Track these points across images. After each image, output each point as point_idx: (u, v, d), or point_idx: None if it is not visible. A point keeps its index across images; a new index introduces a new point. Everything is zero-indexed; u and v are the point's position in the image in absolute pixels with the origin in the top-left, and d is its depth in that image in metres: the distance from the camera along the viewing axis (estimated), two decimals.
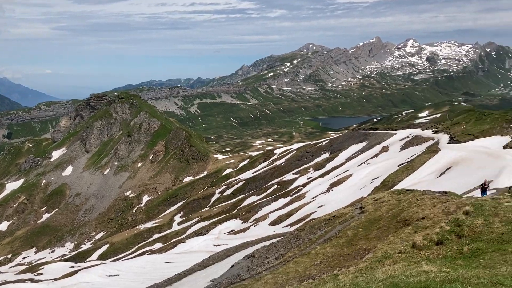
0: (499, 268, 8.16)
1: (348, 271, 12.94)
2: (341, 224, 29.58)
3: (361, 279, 8.89)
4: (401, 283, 5.89)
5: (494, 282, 5.98)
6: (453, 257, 11.22)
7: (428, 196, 27.49)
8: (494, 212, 14.42)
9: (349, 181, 69.22)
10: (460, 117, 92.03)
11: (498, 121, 74.08)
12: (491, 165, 50.69)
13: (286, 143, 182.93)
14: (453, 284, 5.66)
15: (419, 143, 78.84)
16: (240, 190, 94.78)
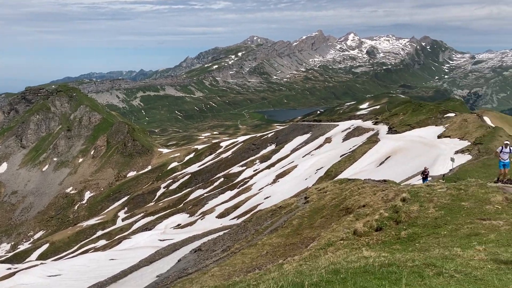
0: (432, 251, 8.64)
1: (293, 260, 13.22)
2: (287, 215, 30.10)
3: (305, 267, 9.09)
4: (342, 269, 6.09)
5: (427, 264, 6.33)
6: (391, 242, 11.75)
7: (369, 184, 28.55)
8: (429, 198, 15.22)
9: (294, 172, 70.48)
10: (398, 108, 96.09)
11: (433, 112, 78.12)
12: (427, 154, 53.45)
13: (232, 136, 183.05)
14: (389, 268, 5.92)
15: (360, 134, 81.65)
16: (186, 184, 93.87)
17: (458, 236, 10.79)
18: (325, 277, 5.21)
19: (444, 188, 16.51)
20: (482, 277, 5.76)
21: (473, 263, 6.70)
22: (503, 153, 18.93)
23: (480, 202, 14.03)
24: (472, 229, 11.32)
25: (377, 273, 5.59)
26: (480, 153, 48.04)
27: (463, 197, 14.82)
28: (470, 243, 9.40)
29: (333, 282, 4.75)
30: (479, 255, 7.49)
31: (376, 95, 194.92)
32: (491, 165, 42.62)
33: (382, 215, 14.55)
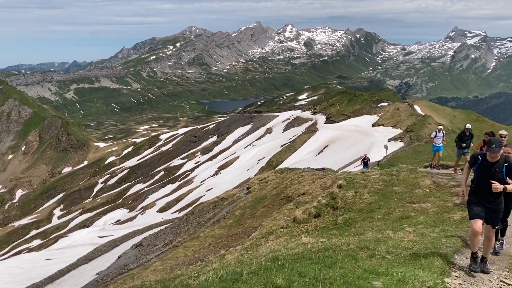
0: (366, 235, 9.05)
1: (235, 250, 13.32)
2: (229, 206, 30.22)
3: (246, 256, 9.19)
4: (281, 256, 6.23)
5: (361, 247, 6.62)
6: (329, 228, 12.16)
7: (308, 173, 29.27)
8: (363, 184, 15.88)
9: (236, 163, 70.73)
10: (335, 98, 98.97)
11: (368, 102, 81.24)
12: (363, 142, 55.57)
13: (172, 128, 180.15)
14: (326, 252, 6.13)
15: (300, 124, 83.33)
16: (125, 178, 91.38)
17: (391, 219, 11.36)
18: (263, 265, 5.31)
19: (378, 174, 17.28)
20: (411, 257, 6.10)
21: (403, 244, 7.09)
22: (437, 138, 19.81)
23: (411, 186, 14.83)
24: (403, 212, 11.96)
25: (314, 258, 5.77)
26: (412, 140, 50.63)
27: (395, 182, 15.59)
28: (401, 225, 9.92)
29: (271, 269, 4.85)
30: (409, 236, 7.94)
31: (314, 86, 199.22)
32: (421, 151, 45.06)
33: (320, 202, 15.00)
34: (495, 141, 6.28)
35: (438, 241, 7.37)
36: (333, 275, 4.34)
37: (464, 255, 6.88)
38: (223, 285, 4.22)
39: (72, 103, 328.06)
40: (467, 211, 6.70)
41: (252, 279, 4.37)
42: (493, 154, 6.21)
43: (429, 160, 30.05)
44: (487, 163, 6.33)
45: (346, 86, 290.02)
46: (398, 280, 4.41)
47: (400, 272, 4.71)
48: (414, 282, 4.36)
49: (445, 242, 7.36)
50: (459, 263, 6.36)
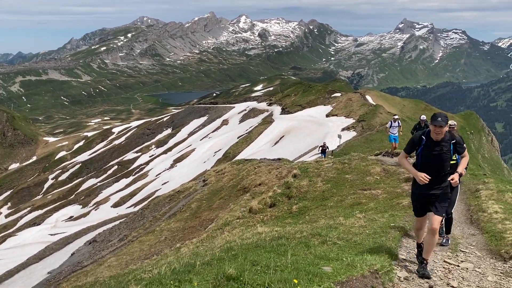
0: (319, 222, 9.26)
1: (191, 243, 13.26)
2: (185, 199, 30.02)
3: (201, 248, 9.17)
4: (236, 246, 6.26)
5: (313, 234, 6.76)
6: (284, 217, 12.34)
7: (264, 164, 29.51)
8: (317, 173, 16.19)
9: (192, 156, 70.17)
10: (290, 89, 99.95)
11: (321, 92, 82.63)
12: (317, 132, 56.54)
13: (125, 121, 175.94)
14: (279, 241, 6.21)
15: (256, 115, 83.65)
16: (76, 173, 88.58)
17: (343, 206, 11.66)
18: (217, 256, 5.32)
19: (331, 163, 17.66)
20: (361, 242, 6.31)
21: (354, 229, 7.31)
22: (392, 128, 19.89)
23: (362, 174, 15.26)
24: (355, 199, 12.30)
25: (267, 246, 5.84)
26: (364, 129, 52.00)
27: (347, 170, 16.00)
28: (352, 212, 10.21)
29: (224, 259, 4.87)
30: (359, 222, 8.19)
31: (269, 77, 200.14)
32: (373, 140, 46.36)
33: (275, 192, 15.17)
34: (440, 115, 5.66)
35: (387, 226, 7.65)
36: (284, 262, 4.41)
37: (412, 238, 7.17)
38: (175, 277, 4.19)
39: (18, 97, 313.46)
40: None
41: (204, 270, 4.38)
42: (438, 129, 5.50)
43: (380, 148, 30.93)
44: (432, 142, 5.65)
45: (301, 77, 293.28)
46: (348, 264, 4.54)
47: (349, 257, 4.85)
48: (362, 266, 4.51)
49: (393, 226, 7.64)
50: (407, 246, 6.63)
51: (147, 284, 4.05)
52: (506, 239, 7.00)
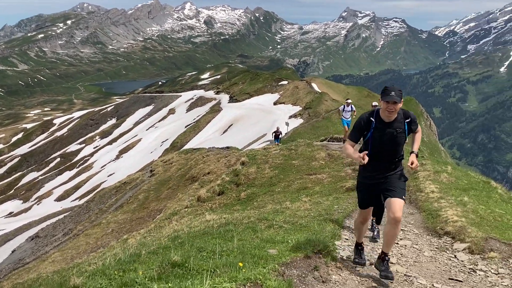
0: (267, 207, 9.40)
1: (138, 233, 13.07)
2: (132, 190, 29.45)
3: (149, 238, 9.06)
4: (183, 235, 6.24)
5: (260, 219, 6.86)
6: (233, 204, 12.42)
7: (213, 152, 29.44)
8: (265, 160, 16.37)
9: (138, 146, 68.78)
10: (237, 78, 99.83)
11: (269, 81, 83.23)
12: (265, 120, 57.05)
13: (66, 112, 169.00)
14: (227, 227, 6.26)
15: (203, 104, 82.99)
16: (15, 167, 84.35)
17: (290, 191, 11.89)
18: (163, 244, 5.29)
19: (278, 150, 17.90)
20: (306, 224, 6.47)
21: (299, 213, 7.49)
22: (345, 112, 19.39)
23: (308, 159, 15.60)
24: (301, 184, 12.57)
25: (215, 233, 5.87)
26: (310, 116, 53.06)
27: (293, 156, 16.28)
28: (299, 196, 10.44)
29: (170, 248, 4.85)
30: (305, 206, 8.40)
31: (216, 65, 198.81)
32: (319, 127, 47.43)
33: (224, 180, 15.20)
34: (393, 88, 4.72)
35: (331, 208, 7.89)
36: (231, 247, 4.46)
37: (353, 219, 7.44)
38: (120, 267, 4.13)
39: None
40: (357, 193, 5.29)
41: (150, 259, 4.34)
42: (392, 106, 4.58)
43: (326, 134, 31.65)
44: (383, 124, 4.74)
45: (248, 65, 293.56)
46: (292, 246, 4.65)
47: (294, 239, 4.97)
48: (306, 247, 4.64)
49: (337, 208, 7.90)
50: (349, 226, 6.88)
51: (90, 275, 3.97)
52: (441, 217, 7.42)
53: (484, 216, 7.58)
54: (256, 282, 3.39)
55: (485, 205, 8.69)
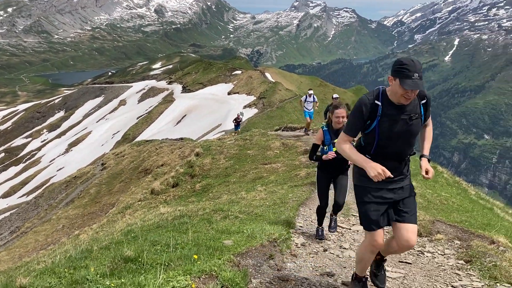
0: (222, 198, 9.38)
1: (90, 229, 12.72)
2: (83, 184, 28.61)
3: (101, 233, 8.84)
4: (136, 229, 6.12)
5: (216, 210, 6.83)
6: (188, 196, 12.30)
7: (167, 144, 29.05)
8: (220, 150, 16.31)
9: (89, 139, 66.79)
10: (190, 67, 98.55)
11: (222, 70, 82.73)
12: (220, 110, 56.78)
13: (10, 105, 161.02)
14: (181, 219, 6.19)
15: (156, 94, 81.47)
16: None
17: (245, 181, 11.92)
18: (116, 239, 5.16)
19: (233, 140, 17.89)
20: (261, 214, 6.51)
21: (255, 202, 7.52)
22: (307, 103, 19.13)
23: (263, 149, 15.68)
24: (256, 173, 12.63)
25: (169, 226, 5.79)
26: (264, 106, 53.32)
27: (249, 146, 16.32)
28: (254, 186, 10.49)
29: (123, 242, 4.74)
30: (260, 195, 8.44)
31: (168, 55, 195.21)
32: (273, 117, 47.80)
33: (178, 171, 15.02)
34: (415, 66, 3.43)
35: (286, 197, 7.97)
36: (186, 240, 4.41)
37: (308, 206, 7.56)
38: (70, 264, 3.99)
39: None
40: (360, 211, 3.77)
41: (102, 255, 4.22)
42: (415, 86, 3.32)
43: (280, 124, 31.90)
44: (394, 109, 3.51)
45: (201, 54, 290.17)
46: (248, 236, 4.66)
47: (250, 229, 4.99)
48: (261, 236, 4.66)
49: (291, 197, 7.99)
50: (304, 214, 6.98)
51: (38, 274, 3.81)
52: None
53: (431, 200, 7.90)
54: (211, 274, 3.37)
55: (432, 189, 9.07)
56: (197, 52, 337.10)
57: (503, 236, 5.75)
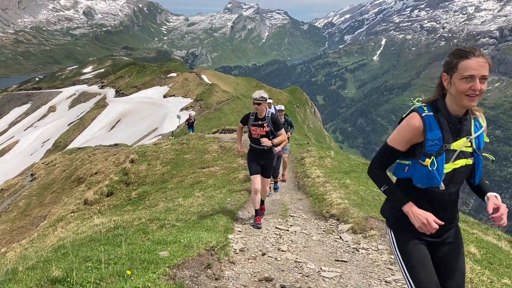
0: (158, 206, 9.16)
1: (19, 245, 11.97)
2: (11, 197, 26.94)
3: (31, 249, 8.34)
4: (68, 243, 5.80)
5: (152, 219, 6.64)
6: (123, 205, 11.90)
7: (100, 151, 28.00)
8: (156, 156, 15.95)
9: (16, 149, 63.09)
10: (123, 71, 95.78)
11: (157, 73, 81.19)
12: (156, 113, 55.63)
13: None
14: (116, 231, 5.95)
15: (87, 99, 78.40)
16: None
17: (183, 187, 11.73)
18: (44, 257, 4.85)
19: (169, 145, 17.56)
20: (199, 221, 6.40)
21: (192, 209, 7.39)
22: None
23: (200, 152, 15.53)
24: (194, 178, 12.47)
25: (103, 239, 5.54)
26: (202, 108, 52.94)
27: (186, 151, 16.10)
28: (192, 191, 10.33)
29: (52, 260, 4.47)
30: (198, 201, 8.33)
31: (99, 58, 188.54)
32: (211, 118, 47.58)
33: (112, 179, 14.51)
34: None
35: (224, 201, 7.93)
36: (119, 254, 4.23)
37: (247, 210, 7.56)
38: None
39: None
40: None
41: (28, 276, 3.94)
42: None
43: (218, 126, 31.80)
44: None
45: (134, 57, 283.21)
46: (185, 245, 4.56)
47: (187, 238, 4.88)
48: (198, 245, 4.58)
49: (230, 201, 7.96)
50: (242, 218, 6.97)
51: None
52: (326, 200, 7.86)
53: (364, 197, 8.18)
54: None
55: (364, 186, 9.40)
56: (130, 55, 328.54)
57: None
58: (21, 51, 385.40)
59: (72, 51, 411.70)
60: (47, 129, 67.39)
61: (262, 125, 6.44)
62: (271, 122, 6.47)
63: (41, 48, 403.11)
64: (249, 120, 6.51)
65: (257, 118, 6.49)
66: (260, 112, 6.45)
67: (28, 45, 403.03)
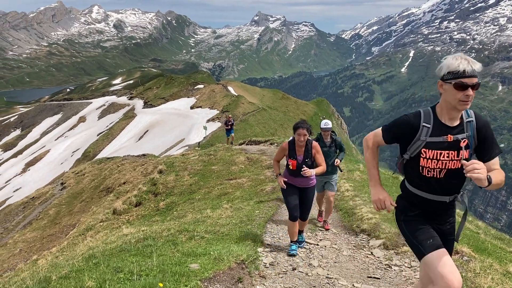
0: (187, 217, 9.18)
1: (50, 253, 12.18)
2: (42, 205, 27.56)
3: (62, 258, 8.47)
4: (98, 253, 5.85)
5: (181, 231, 6.64)
6: (151, 215, 11.99)
7: (128, 161, 28.44)
8: (183, 167, 16.06)
9: (47, 158, 64.73)
10: (151, 82, 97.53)
11: (184, 85, 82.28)
12: (183, 124, 56.26)
13: None
14: (145, 242, 5.98)
15: (116, 110, 80.00)
16: None
17: (210, 198, 11.74)
18: (76, 266, 4.90)
19: (197, 156, 17.67)
20: (228, 233, 6.38)
21: (221, 221, 7.38)
22: None
23: (227, 164, 15.55)
24: (221, 189, 12.47)
25: (133, 249, 5.57)
26: None
27: (213, 162, 16.16)
28: (220, 203, 10.33)
29: (84, 270, 4.51)
30: (226, 213, 8.31)
31: (128, 70, 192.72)
32: (237, 130, 47.66)
33: (141, 189, 14.66)
34: None
35: (252, 214, 7.88)
36: (150, 265, 4.24)
37: (275, 223, 7.49)
38: None
39: None
40: None
41: (61, 285, 3.98)
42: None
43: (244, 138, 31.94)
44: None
45: (162, 69, 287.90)
46: (215, 258, 4.53)
47: (216, 250, 4.85)
48: (229, 258, 4.54)
49: (258, 213, 7.90)
50: (271, 231, 6.90)
51: None
52: (356, 215, 7.72)
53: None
54: None
55: None
56: (158, 67, 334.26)
57: (466, 246, 5.85)
58: (53, 63, 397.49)
59: (102, 63, 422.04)
60: (77, 139, 68.95)
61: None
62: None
63: (73, 60, 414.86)
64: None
65: None
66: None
67: (60, 57, 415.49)
